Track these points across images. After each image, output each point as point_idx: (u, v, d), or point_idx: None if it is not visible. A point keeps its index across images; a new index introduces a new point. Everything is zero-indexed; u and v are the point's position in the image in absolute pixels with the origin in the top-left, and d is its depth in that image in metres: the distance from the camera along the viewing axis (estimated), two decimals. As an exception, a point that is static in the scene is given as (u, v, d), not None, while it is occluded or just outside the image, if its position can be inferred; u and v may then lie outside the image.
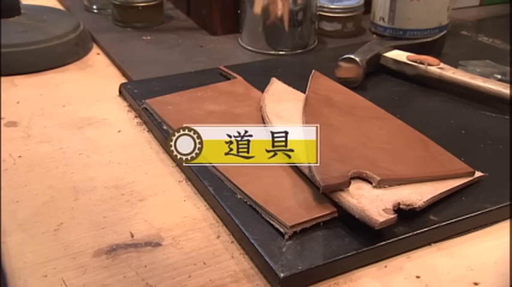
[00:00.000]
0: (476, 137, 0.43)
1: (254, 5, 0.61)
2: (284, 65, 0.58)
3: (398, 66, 0.54)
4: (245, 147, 0.34)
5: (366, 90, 0.52)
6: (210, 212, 0.35)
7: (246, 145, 0.34)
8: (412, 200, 0.33)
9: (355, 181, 0.34)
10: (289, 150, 0.35)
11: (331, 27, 0.68)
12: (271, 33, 0.62)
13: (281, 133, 0.35)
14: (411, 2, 0.65)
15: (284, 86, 0.50)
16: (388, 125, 0.42)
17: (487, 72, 0.56)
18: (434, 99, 0.50)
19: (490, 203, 0.35)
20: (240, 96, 0.49)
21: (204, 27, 0.70)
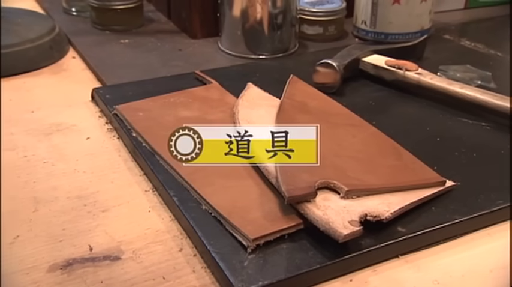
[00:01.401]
0: (451, 145, 0.42)
1: (233, 8, 0.60)
2: (263, 69, 0.57)
3: (376, 72, 0.54)
4: (245, 147, 0.34)
5: (343, 95, 0.51)
6: (175, 223, 0.35)
7: (246, 145, 0.34)
8: (379, 211, 0.32)
9: (322, 191, 0.33)
10: (289, 150, 0.33)
11: (312, 30, 0.68)
12: (250, 36, 0.61)
13: (281, 133, 0.35)
14: (392, 6, 0.64)
15: (259, 92, 0.49)
16: (362, 133, 0.42)
17: (467, 77, 0.56)
18: (412, 106, 0.50)
19: (460, 214, 0.34)
20: (215, 102, 0.48)
21: (184, 30, 0.69)
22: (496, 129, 0.45)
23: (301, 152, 0.34)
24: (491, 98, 0.45)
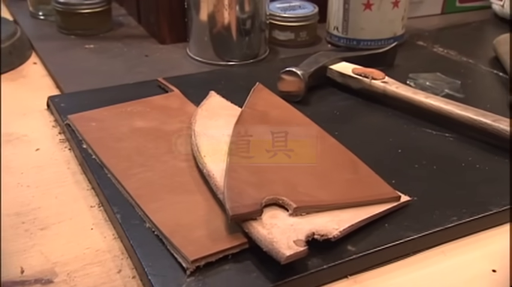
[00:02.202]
0: (412, 157, 0.41)
1: (200, 12, 0.58)
2: (229, 76, 0.56)
3: (343, 80, 0.53)
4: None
5: (308, 104, 0.50)
6: (117, 242, 0.33)
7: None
8: (327, 229, 0.31)
9: (271, 208, 0.32)
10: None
11: (284, 36, 0.66)
12: (218, 42, 0.59)
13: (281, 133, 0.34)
14: (364, 12, 0.63)
15: (221, 101, 0.48)
16: (321, 145, 0.40)
17: (436, 85, 0.55)
18: (377, 115, 0.49)
19: (414, 231, 0.33)
20: (174, 111, 0.46)
21: (153, 35, 0.67)
22: (460, 140, 0.44)
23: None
24: (455, 108, 0.44)
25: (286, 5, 0.68)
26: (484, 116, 0.43)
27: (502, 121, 0.42)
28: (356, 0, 0.62)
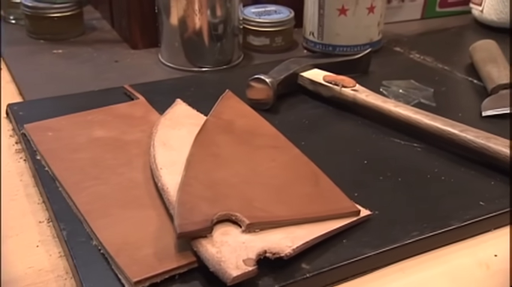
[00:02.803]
0: (378, 168, 0.40)
1: (170, 17, 0.57)
2: (200, 83, 0.55)
3: (314, 87, 0.52)
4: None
5: (278, 112, 0.49)
6: (63, 260, 0.32)
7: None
8: (280, 247, 0.30)
9: (223, 224, 0.31)
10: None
11: (258, 41, 0.65)
12: (189, 48, 0.58)
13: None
14: (339, 17, 0.62)
15: (187, 109, 0.47)
16: (284, 156, 0.39)
17: (409, 93, 0.54)
18: (347, 124, 0.47)
19: (372, 247, 0.32)
20: (136, 120, 0.45)
21: (126, 40, 0.66)
22: (428, 151, 0.43)
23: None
24: (423, 117, 0.43)
25: (262, 10, 0.66)
26: (451, 126, 0.42)
27: (469, 131, 0.41)
28: (330, 6, 0.61)
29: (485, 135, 0.40)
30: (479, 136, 0.40)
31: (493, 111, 0.48)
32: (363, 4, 0.61)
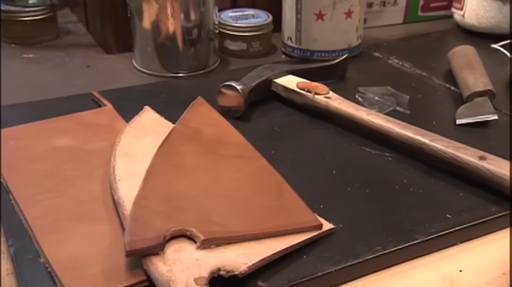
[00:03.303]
0: (346, 179, 0.39)
1: (143, 21, 0.56)
2: (173, 89, 0.53)
3: (288, 94, 0.51)
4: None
5: (249, 120, 0.48)
6: (9, 278, 0.30)
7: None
8: (235, 264, 0.29)
9: (178, 240, 0.30)
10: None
11: (235, 46, 0.64)
12: (163, 53, 0.57)
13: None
14: (316, 22, 0.61)
15: (154, 117, 0.46)
16: (249, 166, 0.38)
17: (384, 100, 0.52)
18: (319, 132, 0.46)
19: (333, 263, 0.31)
20: (101, 128, 0.44)
21: (100, 44, 0.64)
22: (398, 160, 0.42)
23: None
24: (395, 126, 0.42)
25: (239, 14, 0.65)
26: (422, 135, 0.41)
27: (439, 141, 0.40)
28: (308, 11, 0.60)
29: (455, 145, 0.39)
30: (449, 146, 0.39)
31: (467, 120, 0.47)
32: (341, 9, 0.60)
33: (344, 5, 0.59)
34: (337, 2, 0.59)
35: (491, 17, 0.68)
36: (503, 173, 0.36)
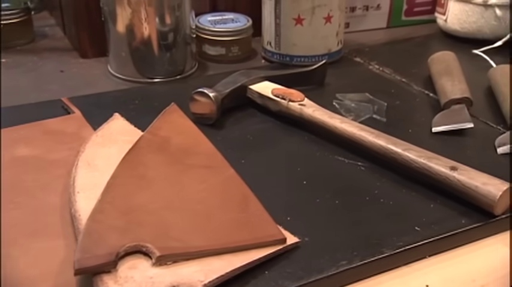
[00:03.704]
0: (316, 190, 0.38)
1: (116, 25, 0.54)
2: (147, 95, 0.52)
3: (263, 101, 0.50)
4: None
5: (222, 128, 0.47)
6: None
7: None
8: (191, 282, 0.28)
9: (133, 256, 0.29)
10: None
11: (214, 51, 0.63)
12: (138, 58, 0.55)
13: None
14: (295, 27, 0.60)
15: (123, 124, 0.44)
16: (216, 177, 0.37)
17: (361, 107, 0.52)
18: (292, 140, 0.45)
19: (295, 279, 0.30)
20: (67, 136, 0.42)
21: (76, 48, 0.63)
22: (371, 170, 0.41)
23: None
24: (368, 135, 0.42)
25: (218, 18, 0.64)
26: (394, 144, 0.40)
27: (411, 150, 0.39)
28: (286, 15, 0.59)
29: (427, 155, 0.39)
30: (421, 156, 0.38)
31: (442, 128, 0.46)
32: (320, 14, 0.59)
33: (323, 10, 0.59)
34: (316, 7, 0.58)
35: (473, 22, 0.68)
36: (474, 184, 0.35)
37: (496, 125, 0.48)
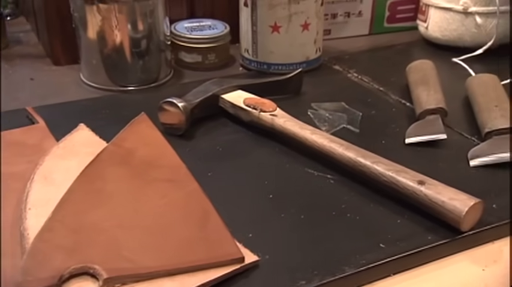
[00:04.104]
0: (282, 204, 0.37)
1: (87, 32, 0.53)
2: (117, 104, 0.51)
3: (234, 111, 0.49)
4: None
5: (192, 138, 0.46)
6: None
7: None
8: (139, 305, 0.27)
9: (80, 278, 0.27)
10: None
11: (190, 58, 0.61)
12: (109, 65, 0.54)
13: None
14: (272, 35, 0.59)
15: (88, 135, 0.43)
16: (177, 192, 0.36)
17: (335, 118, 0.50)
18: (263, 152, 0.44)
19: (252, 300, 0.30)
20: (28, 148, 0.41)
21: (49, 55, 0.62)
22: (340, 183, 0.40)
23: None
24: (338, 147, 0.41)
25: (195, 25, 0.63)
26: (364, 157, 0.39)
27: (380, 163, 0.38)
28: (263, 23, 0.58)
29: (396, 169, 0.38)
30: (390, 169, 0.37)
31: (415, 139, 0.45)
32: (297, 21, 0.58)
33: (300, 17, 0.58)
34: (292, 14, 0.58)
35: (454, 30, 0.67)
36: (440, 199, 0.34)
37: (470, 136, 0.47)
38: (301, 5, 0.57)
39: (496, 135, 0.45)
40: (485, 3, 0.64)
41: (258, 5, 0.57)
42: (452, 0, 0.65)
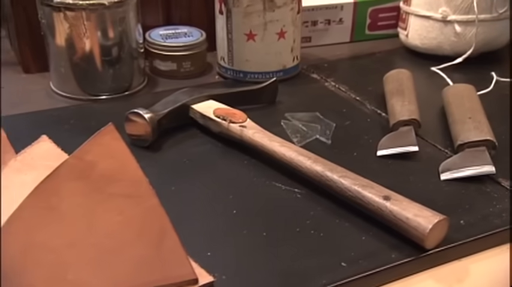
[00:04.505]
0: (245, 220, 0.36)
1: (55, 39, 0.52)
2: (85, 114, 0.49)
3: (204, 121, 0.47)
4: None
5: (158, 150, 0.45)
6: None
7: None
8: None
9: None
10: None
11: (165, 66, 0.60)
12: (79, 74, 0.53)
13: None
14: (247, 43, 0.58)
15: (49, 148, 0.42)
16: (135, 208, 0.35)
17: (309, 129, 0.49)
18: (231, 164, 0.43)
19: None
20: (-15, 161, 0.41)
21: (20, 62, 0.60)
22: (307, 197, 0.39)
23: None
24: (306, 160, 0.40)
25: (171, 32, 0.62)
26: (331, 170, 0.38)
27: (347, 177, 0.37)
28: (238, 31, 0.57)
29: (362, 183, 0.36)
30: (356, 183, 0.36)
31: (387, 151, 0.44)
32: (272, 29, 0.57)
33: (276, 26, 0.57)
34: (268, 23, 0.56)
35: (433, 38, 0.66)
36: (405, 215, 0.33)
37: (444, 149, 0.46)
38: (277, 13, 0.56)
39: (468, 148, 0.44)
40: (464, 11, 0.63)
41: (233, 12, 0.56)
42: (431, 8, 0.65)
